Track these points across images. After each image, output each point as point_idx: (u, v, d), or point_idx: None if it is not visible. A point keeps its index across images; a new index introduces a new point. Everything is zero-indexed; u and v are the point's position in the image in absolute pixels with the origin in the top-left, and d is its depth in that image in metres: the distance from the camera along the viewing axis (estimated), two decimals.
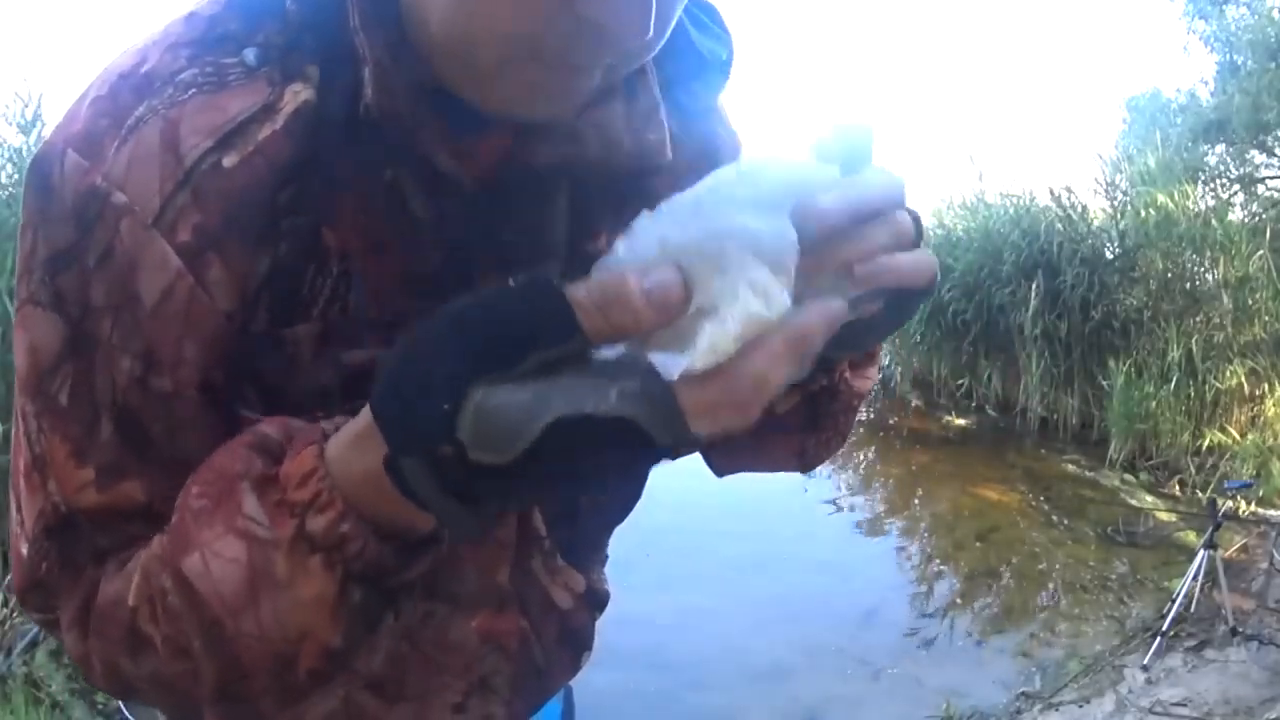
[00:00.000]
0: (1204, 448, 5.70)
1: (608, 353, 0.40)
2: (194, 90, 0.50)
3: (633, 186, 0.58)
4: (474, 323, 0.39)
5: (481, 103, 0.51)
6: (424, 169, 0.53)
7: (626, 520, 0.76)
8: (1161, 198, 6.53)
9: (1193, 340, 6.08)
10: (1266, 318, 6.06)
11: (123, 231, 0.49)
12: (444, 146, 0.53)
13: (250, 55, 0.51)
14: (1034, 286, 6.66)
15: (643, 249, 0.41)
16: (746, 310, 0.39)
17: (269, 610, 0.46)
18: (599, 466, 0.40)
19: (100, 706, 2.90)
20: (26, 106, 3.62)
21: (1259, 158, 7.20)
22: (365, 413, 0.43)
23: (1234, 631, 3.66)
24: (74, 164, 0.50)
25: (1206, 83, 7.59)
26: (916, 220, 0.48)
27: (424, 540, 0.47)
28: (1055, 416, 6.79)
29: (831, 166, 0.44)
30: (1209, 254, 6.36)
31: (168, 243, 0.49)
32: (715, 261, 0.40)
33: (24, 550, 0.55)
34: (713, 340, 0.39)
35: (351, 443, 0.45)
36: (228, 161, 0.50)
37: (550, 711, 0.83)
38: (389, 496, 0.42)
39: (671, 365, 0.39)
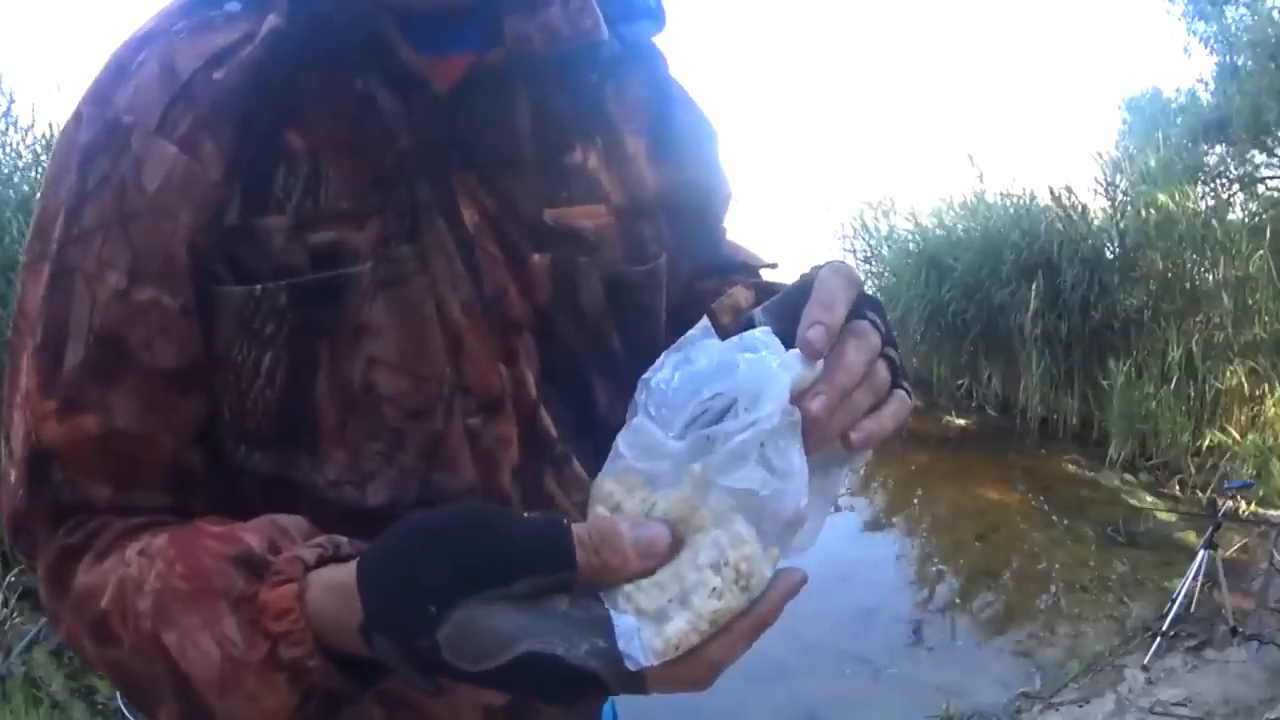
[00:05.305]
0: (1204, 448, 5.69)
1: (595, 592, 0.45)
2: (185, 33, 0.59)
3: (590, 99, 0.68)
4: (479, 540, 0.45)
5: None
6: (392, 74, 0.60)
7: None
8: (1161, 198, 6.52)
9: (1193, 340, 6.07)
10: (1266, 318, 6.04)
11: (133, 144, 0.56)
12: (409, 53, 0.59)
13: (233, 6, 0.60)
14: (1034, 286, 6.64)
15: (646, 446, 0.48)
16: (718, 606, 0.44)
17: (233, 702, 0.52)
18: (555, 693, 0.45)
19: (100, 706, 2.89)
20: None
21: (1259, 158, 7.18)
22: (351, 568, 0.48)
23: (1234, 631, 3.66)
24: (89, 114, 0.58)
25: (1206, 83, 7.57)
26: (892, 361, 0.54)
27: (385, 669, 0.50)
28: (1055, 416, 6.78)
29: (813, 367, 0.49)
30: (1209, 254, 6.35)
31: (168, 140, 0.57)
32: (705, 516, 0.46)
33: (11, 476, 0.61)
34: (681, 639, 0.44)
35: (332, 592, 0.49)
36: (217, 75, 0.57)
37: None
38: (358, 645, 0.47)
39: (638, 652, 0.43)
